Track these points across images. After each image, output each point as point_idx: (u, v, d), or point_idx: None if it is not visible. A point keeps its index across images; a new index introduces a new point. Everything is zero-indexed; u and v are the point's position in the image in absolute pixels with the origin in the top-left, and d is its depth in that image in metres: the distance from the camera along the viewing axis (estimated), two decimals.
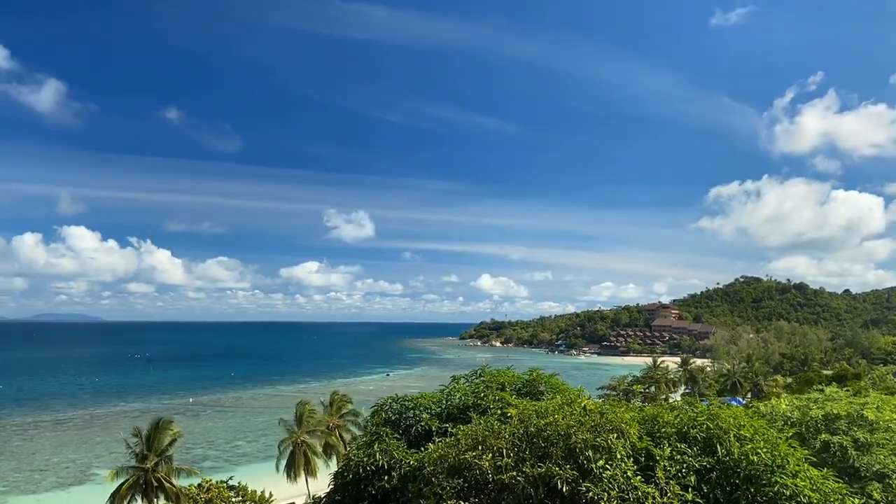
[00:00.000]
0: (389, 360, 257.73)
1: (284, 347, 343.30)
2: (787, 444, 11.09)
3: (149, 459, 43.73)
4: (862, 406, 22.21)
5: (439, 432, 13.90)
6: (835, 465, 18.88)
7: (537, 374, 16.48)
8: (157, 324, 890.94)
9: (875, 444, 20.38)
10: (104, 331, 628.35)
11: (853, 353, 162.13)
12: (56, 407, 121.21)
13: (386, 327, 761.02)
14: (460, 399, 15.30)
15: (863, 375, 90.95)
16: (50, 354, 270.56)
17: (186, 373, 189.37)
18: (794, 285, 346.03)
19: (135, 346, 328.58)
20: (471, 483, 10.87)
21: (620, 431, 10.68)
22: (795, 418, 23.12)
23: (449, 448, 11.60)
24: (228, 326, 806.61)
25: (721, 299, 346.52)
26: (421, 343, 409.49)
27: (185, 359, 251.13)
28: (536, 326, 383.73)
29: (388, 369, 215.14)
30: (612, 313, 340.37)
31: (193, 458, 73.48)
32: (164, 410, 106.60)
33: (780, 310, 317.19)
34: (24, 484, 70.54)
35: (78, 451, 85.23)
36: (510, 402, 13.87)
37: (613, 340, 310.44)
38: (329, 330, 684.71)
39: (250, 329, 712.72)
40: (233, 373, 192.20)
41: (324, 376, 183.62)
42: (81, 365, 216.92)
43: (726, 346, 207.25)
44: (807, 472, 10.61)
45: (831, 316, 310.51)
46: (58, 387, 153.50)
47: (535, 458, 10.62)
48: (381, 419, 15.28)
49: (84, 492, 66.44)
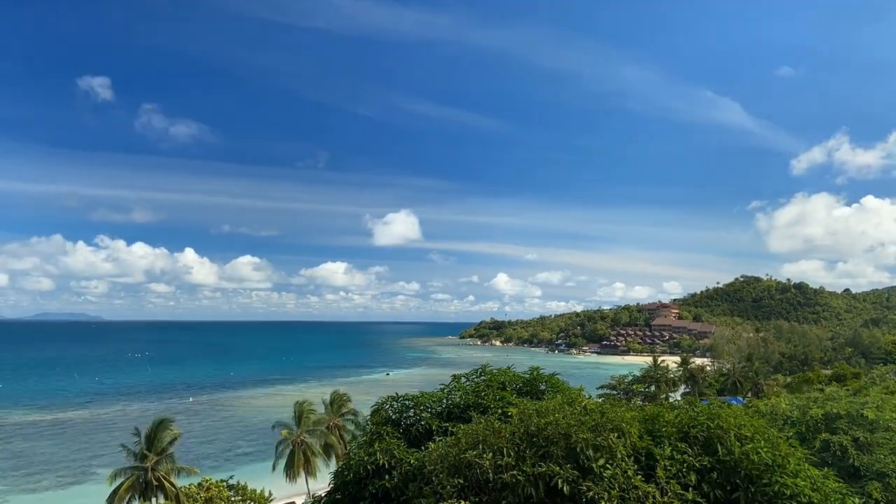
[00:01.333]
0: (389, 360, 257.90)
1: (286, 347, 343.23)
2: (788, 444, 11.07)
3: (149, 459, 43.74)
4: (862, 405, 22.22)
5: (440, 431, 13.88)
6: (835, 464, 18.89)
7: (538, 373, 16.45)
8: (162, 323, 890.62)
9: (875, 443, 20.40)
10: (104, 331, 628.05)
11: (853, 353, 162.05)
12: (56, 407, 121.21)
13: (389, 327, 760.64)
14: (461, 398, 15.29)
15: (862, 375, 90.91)
16: (50, 354, 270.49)
17: (186, 372, 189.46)
18: (794, 285, 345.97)
19: (136, 346, 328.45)
20: (471, 482, 10.86)
21: (621, 431, 10.67)
22: (796, 417, 23.14)
23: (449, 447, 11.59)
24: (228, 326, 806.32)
25: (721, 299, 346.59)
26: (421, 342, 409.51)
27: (186, 358, 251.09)
28: (536, 326, 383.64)
29: (387, 368, 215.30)
30: (612, 313, 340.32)
31: (193, 457, 73.43)
32: (164, 410, 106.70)
33: (780, 309, 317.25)
34: (24, 484, 70.55)
35: (78, 451, 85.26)
36: (511, 401, 13.86)
37: (613, 340, 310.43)
38: (333, 329, 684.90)
39: (255, 329, 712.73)
40: (232, 372, 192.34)
41: (324, 376, 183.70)
42: (82, 365, 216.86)
43: (726, 345, 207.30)
44: (807, 472, 10.59)
45: (831, 315, 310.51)
46: (58, 386, 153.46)
47: (536, 458, 10.61)
48: (382, 418, 15.24)
49: (84, 492, 66.41)
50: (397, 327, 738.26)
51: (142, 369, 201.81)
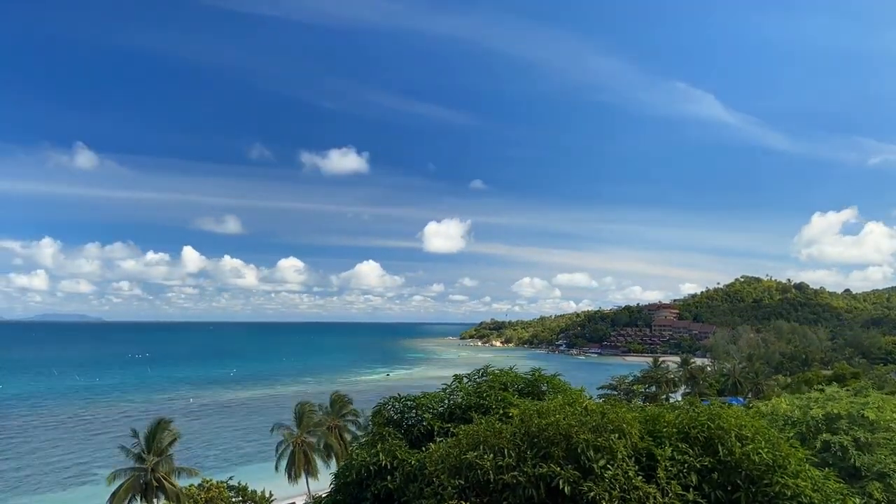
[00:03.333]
0: (390, 360, 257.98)
1: (287, 348, 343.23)
2: (789, 444, 11.09)
3: (149, 459, 43.75)
4: (863, 406, 22.20)
5: (441, 432, 13.90)
6: (835, 464, 18.89)
7: (539, 374, 16.47)
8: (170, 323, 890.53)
9: (876, 443, 20.39)
10: (105, 331, 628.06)
11: (854, 353, 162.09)
12: (56, 407, 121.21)
13: (392, 327, 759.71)
14: (462, 399, 15.30)
15: (862, 375, 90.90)
16: (51, 354, 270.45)
17: (186, 373, 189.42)
18: (794, 285, 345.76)
19: (136, 346, 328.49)
20: (472, 483, 10.88)
21: (622, 431, 10.69)
22: (796, 418, 23.12)
23: (451, 448, 11.60)
24: (227, 326, 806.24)
25: (721, 299, 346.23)
26: (422, 343, 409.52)
27: (186, 358, 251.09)
28: (537, 326, 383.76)
29: (388, 369, 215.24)
30: (613, 313, 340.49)
31: (193, 457, 73.35)
32: (164, 410, 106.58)
33: (780, 310, 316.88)
34: (24, 484, 70.56)
35: (78, 451, 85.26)
36: (512, 402, 13.88)
37: (614, 340, 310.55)
38: (340, 330, 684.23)
39: (260, 329, 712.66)
40: (232, 372, 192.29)
41: (324, 376, 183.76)
42: (82, 365, 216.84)
43: (726, 345, 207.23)
44: (808, 472, 10.61)
45: (831, 316, 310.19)
46: (58, 386, 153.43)
47: (537, 458, 10.63)
48: (383, 419, 15.26)
49: (84, 492, 66.43)
50: (398, 327, 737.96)
51: (142, 369, 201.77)
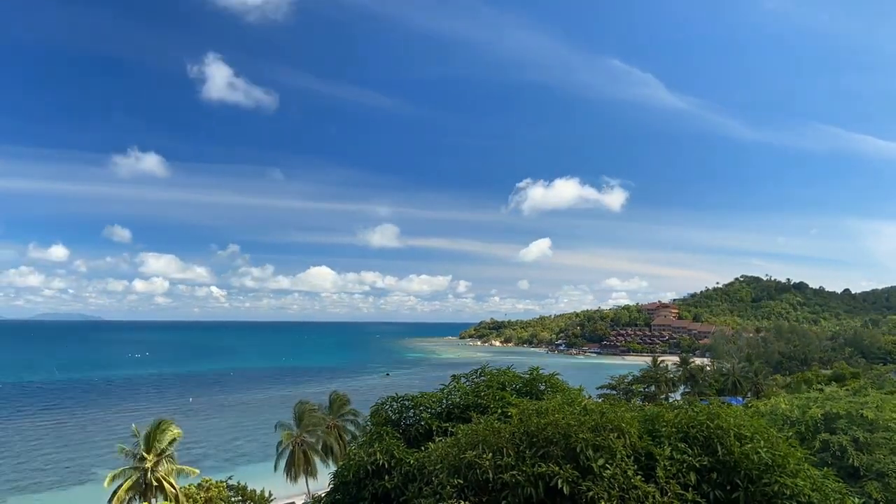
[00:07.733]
0: (389, 360, 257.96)
1: (288, 348, 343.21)
2: (788, 444, 11.07)
3: (148, 459, 43.70)
4: (861, 405, 22.23)
5: (440, 432, 13.90)
6: (834, 464, 18.90)
7: (538, 373, 16.45)
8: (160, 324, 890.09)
9: (874, 443, 20.41)
10: (104, 330, 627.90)
11: (853, 353, 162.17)
12: (56, 407, 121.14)
13: (392, 327, 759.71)
14: (461, 398, 15.30)
15: (861, 375, 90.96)
16: (51, 353, 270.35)
17: (186, 372, 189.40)
18: (794, 284, 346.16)
19: (136, 346, 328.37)
20: (471, 482, 10.87)
21: (621, 431, 10.68)
22: (795, 417, 23.14)
23: (449, 447, 11.60)
24: (225, 326, 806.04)
25: (721, 298, 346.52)
26: (421, 343, 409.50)
27: (185, 358, 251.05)
28: (536, 326, 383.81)
29: (387, 369, 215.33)
30: (612, 313, 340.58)
31: (193, 457, 73.32)
32: (164, 410, 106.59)
33: (779, 309, 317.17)
34: (24, 484, 70.50)
35: (78, 451, 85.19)
36: (511, 401, 13.87)
37: (613, 340, 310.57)
38: (340, 329, 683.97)
39: (258, 329, 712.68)
40: (232, 372, 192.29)
41: (324, 376, 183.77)
42: (82, 365, 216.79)
43: (726, 345, 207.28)
44: (807, 472, 10.59)
45: (831, 315, 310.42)
46: (58, 386, 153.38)
47: (536, 458, 10.62)
48: (382, 419, 15.26)
49: (84, 492, 66.34)
50: (396, 327, 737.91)
51: (142, 369, 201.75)
